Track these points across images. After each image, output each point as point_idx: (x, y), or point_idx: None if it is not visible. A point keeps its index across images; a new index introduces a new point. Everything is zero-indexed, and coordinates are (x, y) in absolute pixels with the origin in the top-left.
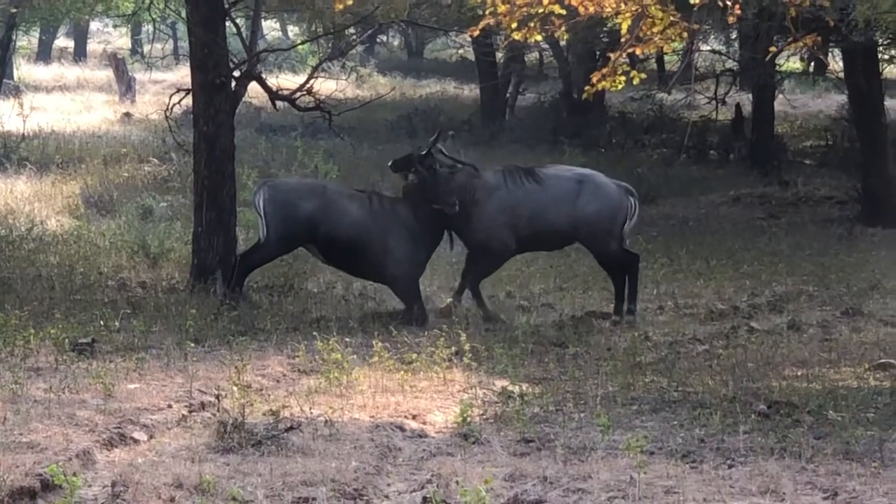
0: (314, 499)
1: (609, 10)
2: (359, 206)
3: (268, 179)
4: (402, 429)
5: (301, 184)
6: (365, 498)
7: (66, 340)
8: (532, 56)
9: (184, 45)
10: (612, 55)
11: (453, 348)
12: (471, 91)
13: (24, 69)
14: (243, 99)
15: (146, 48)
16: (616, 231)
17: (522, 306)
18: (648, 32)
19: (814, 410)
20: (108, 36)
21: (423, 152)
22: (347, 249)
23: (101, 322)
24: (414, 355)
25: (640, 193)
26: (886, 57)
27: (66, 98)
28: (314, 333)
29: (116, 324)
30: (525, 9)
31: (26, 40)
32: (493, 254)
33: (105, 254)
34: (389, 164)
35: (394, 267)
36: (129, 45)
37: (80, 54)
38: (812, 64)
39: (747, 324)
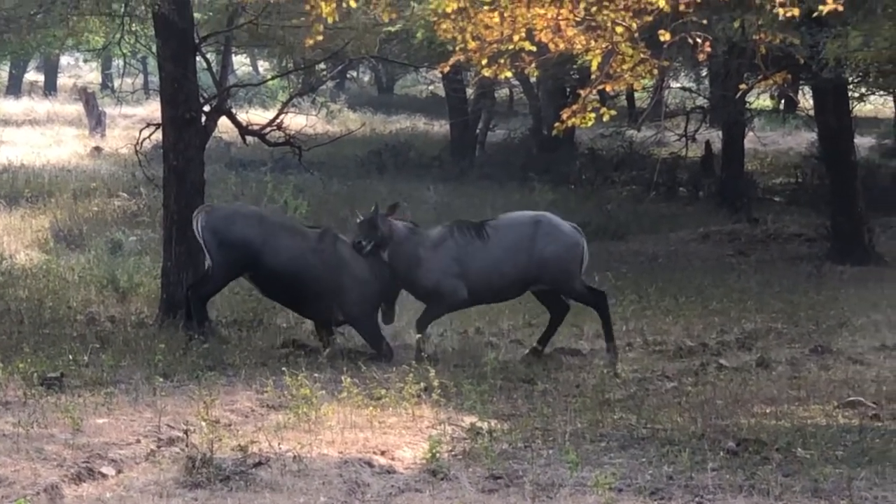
0: None
1: (579, 47)
2: (302, 241)
3: (205, 206)
4: (370, 465)
5: (238, 210)
6: None
7: (35, 374)
8: (502, 92)
9: (154, 79)
10: (582, 92)
11: (422, 384)
12: (441, 127)
13: None
14: (213, 134)
15: (116, 82)
16: (575, 268)
17: (491, 342)
18: (618, 69)
19: (782, 448)
20: (79, 70)
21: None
22: (285, 284)
23: (70, 356)
24: (383, 391)
25: (610, 230)
26: (856, 95)
27: (36, 132)
28: (283, 369)
29: (85, 358)
30: (495, 45)
31: None
32: (444, 300)
33: (74, 288)
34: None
35: (351, 307)
36: (100, 80)
37: (50, 88)
38: (782, 101)
39: (716, 361)
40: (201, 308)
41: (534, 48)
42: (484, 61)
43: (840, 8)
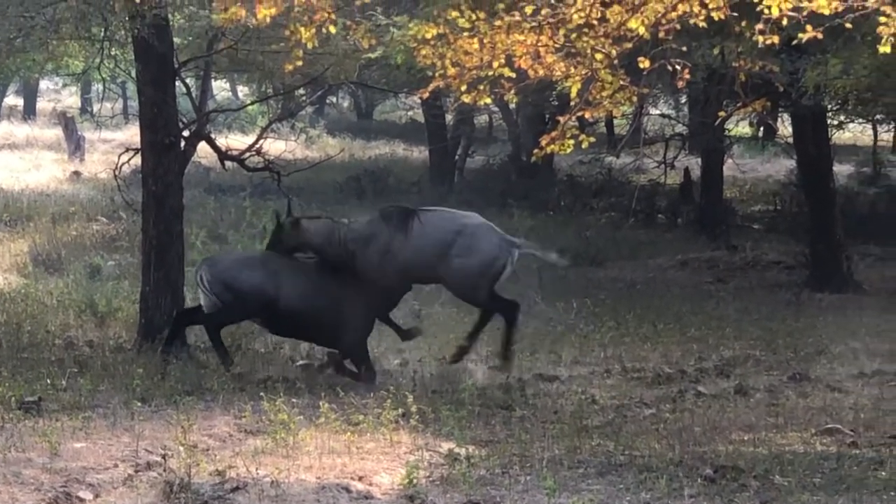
0: None
1: (559, 73)
2: (308, 275)
3: (205, 259)
4: (348, 490)
5: (239, 258)
6: None
7: (13, 398)
8: (481, 118)
9: (133, 104)
10: (561, 118)
11: (400, 410)
12: (420, 153)
13: None
14: (192, 159)
15: (96, 107)
16: (484, 283)
17: (469, 368)
18: (598, 96)
19: (760, 475)
20: (58, 94)
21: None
22: (300, 320)
23: (48, 380)
24: (361, 416)
25: (588, 256)
26: (835, 122)
27: (15, 156)
28: (261, 393)
29: (63, 382)
30: (474, 71)
31: None
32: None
33: (52, 312)
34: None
35: (348, 332)
36: (79, 104)
37: (29, 113)
38: (761, 129)
39: (694, 388)
40: (217, 339)
41: (513, 74)
42: (463, 87)
43: (820, 36)
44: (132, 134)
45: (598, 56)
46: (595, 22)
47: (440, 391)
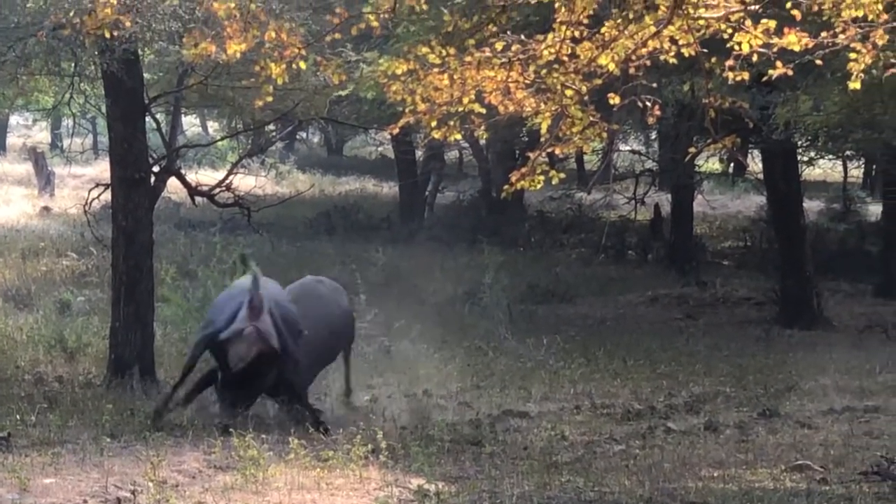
0: None
1: (529, 109)
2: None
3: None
4: None
5: None
6: None
7: None
8: (451, 154)
9: (103, 139)
10: (531, 154)
11: (370, 446)
12: (390, 189)
13: None
14: (162, 194)
15: (66, 142)
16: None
17: (439, 404)
18: (568, 132)
19: None
20: (28, 130)
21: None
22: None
23: (18, 416)
24: (330, 452)
25: (558, 293)
26: (806, 159)
27: None
28: (230, 429)
29: (33, 418)
30: (445, 107)
31: None
32: None
33: (22, 348)
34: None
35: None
36: (49, 140)
37: None
38: (731, 165)
39: (664, 424)
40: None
41: (483, 110)
42: (433, 123)
43: (790, 72)
44: (102, 169)
45: (569, 92)
46: (565, 58)
47: (410, 427)
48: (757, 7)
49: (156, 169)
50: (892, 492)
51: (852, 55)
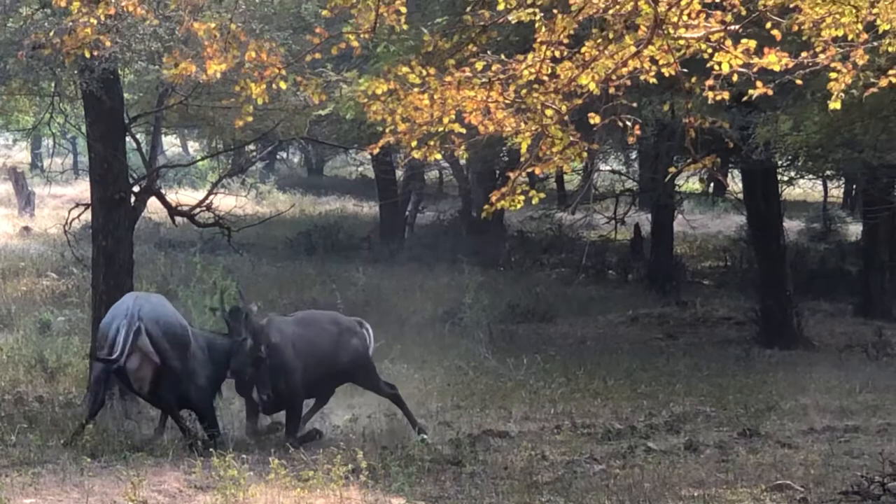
0: None
1: (509, 129)
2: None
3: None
4: None
5: None
6: None
7: None
8: (432, 174)
9: (84, 159)
10: (511, 174)
11: (350, 466)
12: (370, 208)
13: None
14: (143, 214)
15: (46, 162)
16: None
17: (419, 424)
18: (548, 152)
19: None
20: (8, 150)
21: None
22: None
23: None
24: (311, 472)
25: (539, 312)
26: (785, 178)
27: None
28: (211, 449)
29: (13, 438)
30: (425, 127)
31: None
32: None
33: (2, 368)
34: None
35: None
36: (29, 159)
37: None
38: (711, 185)
39: (644, 444)
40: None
41: (463, 130)
42: (413, 143)
43: (770, 92)
44: (82, 189)
45: (549, 112)
46: (545, 78)
47: (390, 447)
48: (737, 27)
49: (136, 189)
50: None
51: (832, 75)
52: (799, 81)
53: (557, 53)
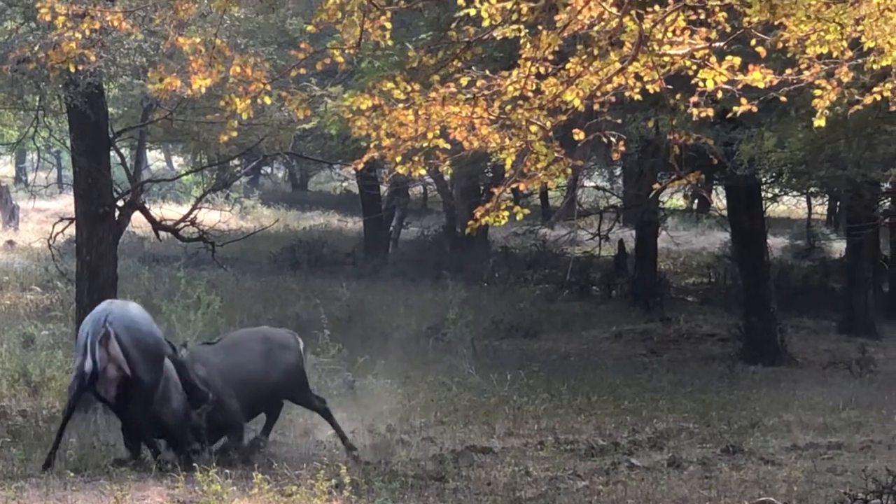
0: None
1: (493, 145)
2: None
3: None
4: None
5: None
6: None
7: None
8: (416, 190)
9: (68, 174)
10: (495, 190)
11: (333, 481)
12: (354, 224)
13: None
14: (127, 228)
15: (30, 176)
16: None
17: (403, 440)
18: (532, 168)
19: None
20: None
21: None
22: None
23: None
24: (294, 487)
25: (523, 328)
26: (770, 195)
27: None
28: (194, 464)
29: None
30: (409, 142)
31: None
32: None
33: None
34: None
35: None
36: (13, 173)
37: None
38: (695, 201)
39: (628, 460)
40: None
41: (448, 146)
42: (398, 158)
43: (754, 109)
44: (67, 203)
45: (533, 128)
46: (530, 94)
47: (373, 462)
48: (722, 44)
49: (120, 203)
50: None
51: (817, 92)
52: (783, 98)
53: (542, 69)
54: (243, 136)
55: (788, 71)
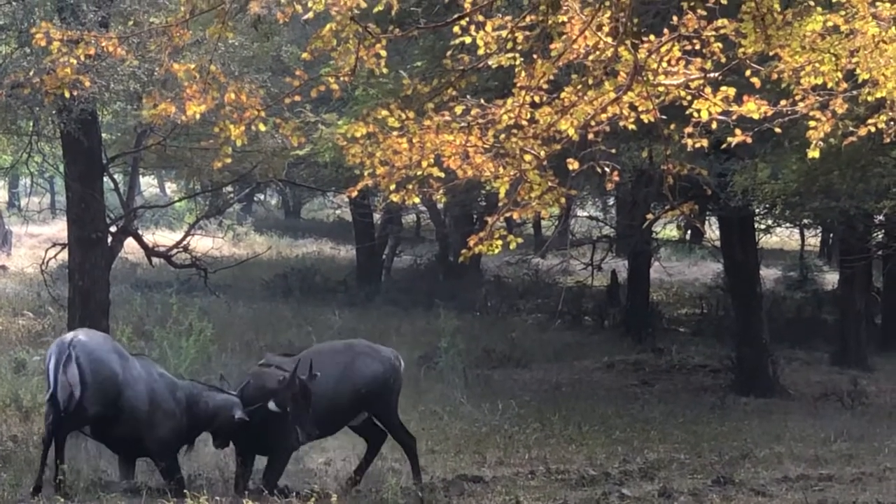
0: None
1: (487, 173)
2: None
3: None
4: None
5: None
6: None
7: None
8: (409, 218)
9: (61, 199)
10: (489, 219)
11: None
12: (347, 252)
13: None
14: (119, 254)
15: (23, 201)
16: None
17: (394, 468)
18: (526, 197)
19: None
20: None
21: None
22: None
23: None
24: None
25: (514, 358)
26: (763, 226)
27: None
28: (184, 491)
29: None
30: (404, 171)
31: None
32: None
33: None
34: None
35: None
36: (6, 198)
37: None
38: (688, 232)
39: (618, 490)
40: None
41: (442, 174)
42: (392, 186)
43: (748, 140)
44: (60, 229)
45: (527, 157)
46: (524, 123)
47: (364, 491)
48: (716, 74)
49: (113, 229)
50: None
51: (811, 123)
52: (778, 129)
53: (537, 98)
54: (237, 163)
55: (783, 102)
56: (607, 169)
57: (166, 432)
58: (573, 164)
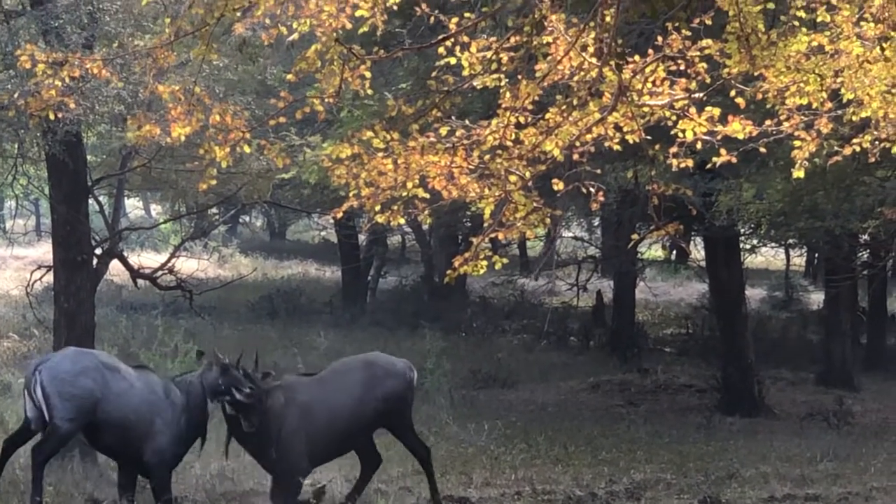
0: None
1: (472, 194)
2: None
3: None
4: None
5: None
6: None
7: None
8: (394, 239)
9: (46, 221)
10: (474, 239)
11: None
12: (332, 273)
13: None
14: (105, 276)
15: (8, 223)
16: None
17: (380, 489)
18: (511, 217)
19: None
20: None
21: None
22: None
23: None
24: None
25: (500, 378)
26: (748, 246)
27: None
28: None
29: None
30: (389, 192)
31: None
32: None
33: None
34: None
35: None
36: None
37: None
38: (674, 252)
39: None
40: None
41: (427, 195)
42: (377, 207)
43: (734, 160)
44: (45, 251)
45: (512, 178)
46: (509, 143)
47: None
48: (701, 95)
49: (98, 251)
50: None
51: (796, 143)
52: (763, 149)
53: (522, 119)
54: (222, 185)
55: (768, 122)
56: (592, 189)
57: (164, 443)
58: (558, 185)
